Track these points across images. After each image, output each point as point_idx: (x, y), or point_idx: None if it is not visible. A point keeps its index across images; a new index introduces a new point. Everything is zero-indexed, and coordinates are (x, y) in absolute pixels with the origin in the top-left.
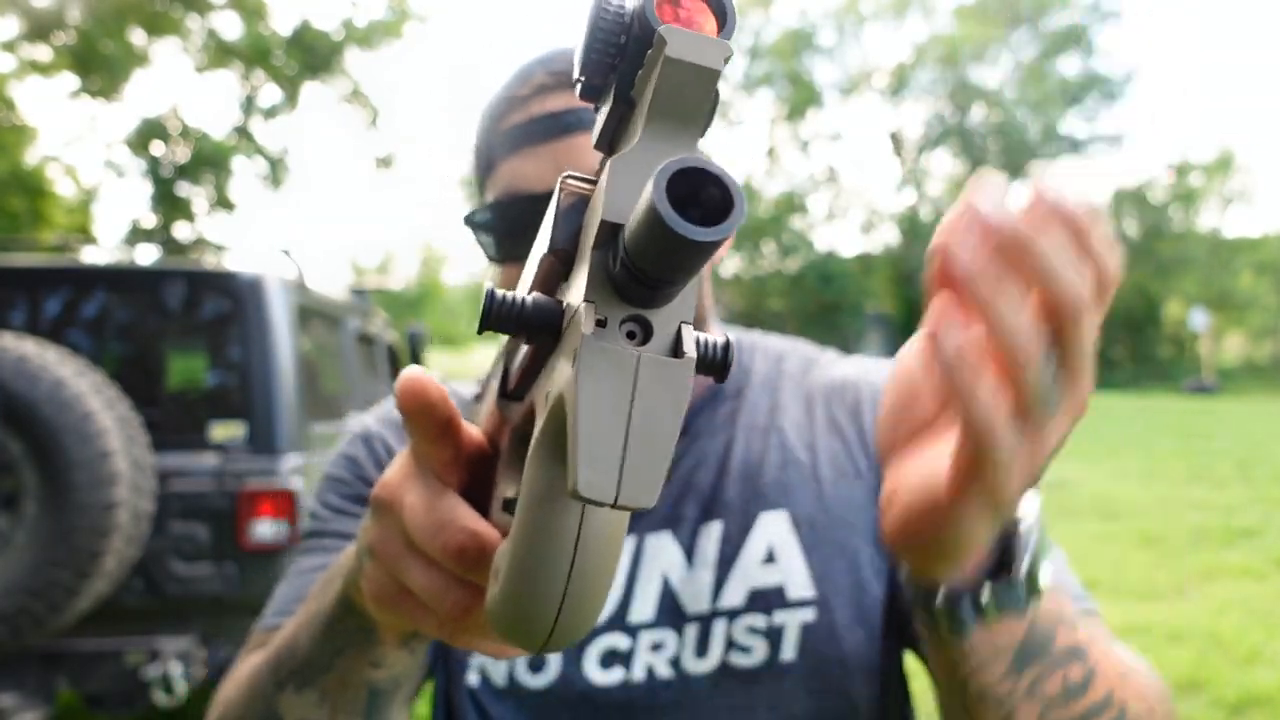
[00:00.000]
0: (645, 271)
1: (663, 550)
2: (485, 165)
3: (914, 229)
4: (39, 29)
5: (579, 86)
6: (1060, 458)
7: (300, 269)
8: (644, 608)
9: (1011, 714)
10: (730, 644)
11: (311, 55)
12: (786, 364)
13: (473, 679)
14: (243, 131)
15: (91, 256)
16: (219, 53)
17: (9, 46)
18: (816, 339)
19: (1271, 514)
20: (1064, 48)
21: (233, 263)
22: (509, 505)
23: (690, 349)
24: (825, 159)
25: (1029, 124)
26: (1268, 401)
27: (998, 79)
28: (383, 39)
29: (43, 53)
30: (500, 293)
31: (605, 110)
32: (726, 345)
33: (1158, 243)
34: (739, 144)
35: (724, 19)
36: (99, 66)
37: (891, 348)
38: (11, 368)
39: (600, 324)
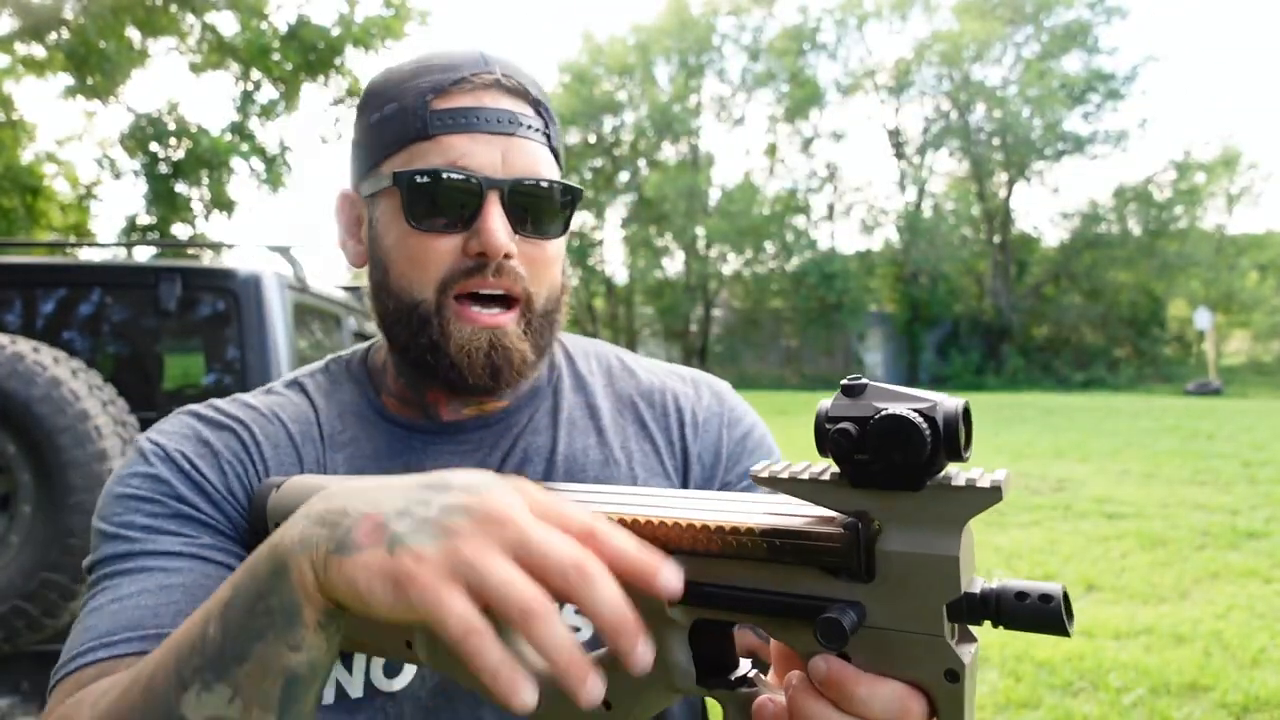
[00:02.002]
0: (1000, 624)
1: None
2: (418, 131)
3: (915, 228)
4: (35, 27)
5: (845, 459)
6: (1063, 458)
7: (298, 267)
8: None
9: None
10: None
11: (309, 52)
12: (594, 364)
13: (328, 695)
14: (240, 130)
15: (87, 255)
16: (216, 51)
17: (4, 44)
18: (817, 338)
19: (1277, 516)
20: (1067, 45)
21: (230, 260)
22: None
23: (974, 632)
24: (826, 157)
25: (1032, 122)
26: (1272, 402)
27: (1000, 77)
28: (383, 37)
29: (38, 51)
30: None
31: (869, 469)
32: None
33: (1161, 241)
34: (740, 142)
35: (970, 437)
36: (96, 66)
37: (892, 346)
38: (6, 367)
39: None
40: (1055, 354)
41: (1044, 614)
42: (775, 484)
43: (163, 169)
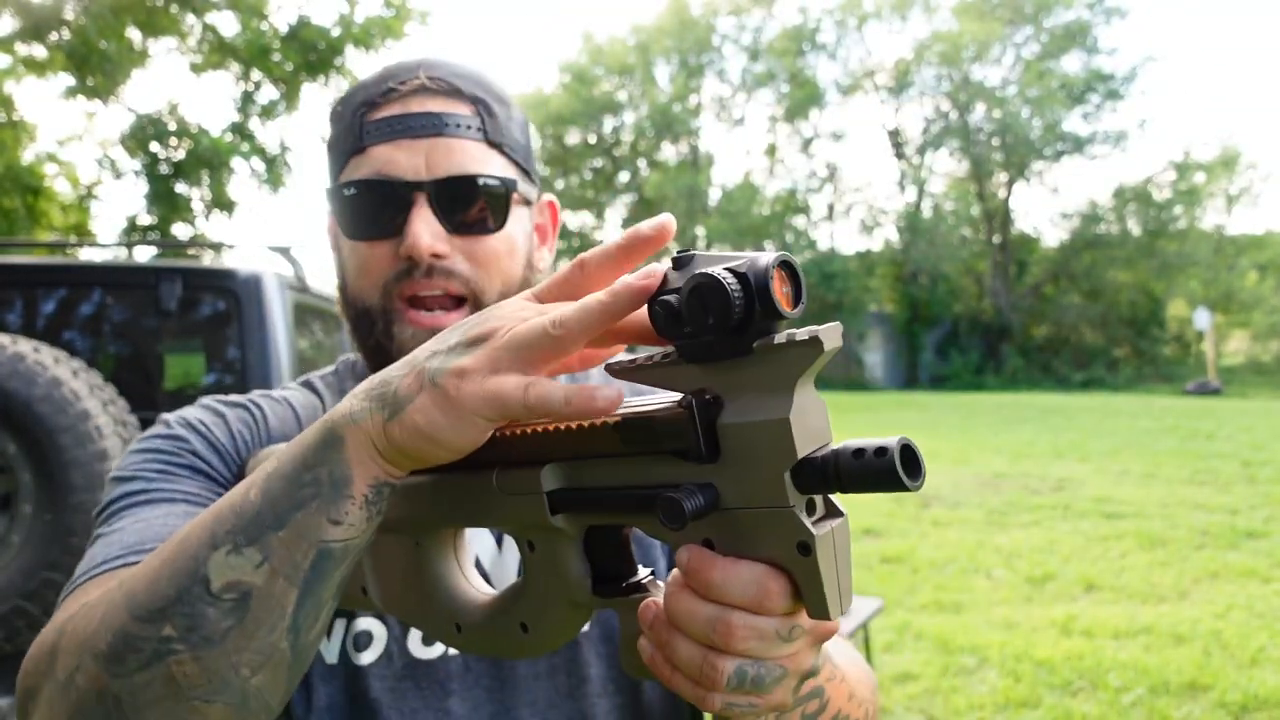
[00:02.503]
0: (845, 489)
1: (479, 538)
2: (353, 146)
3: (915, 228)
4: (36, 27)
5: (676, 334)
6: (1062, 458)
7: (298, 267)
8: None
9: None
10: None
11: (310, 52)
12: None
13: None
14: (240, 130)
15: (88, 255)
16: (216, 51)
17: (5, 44)
18: None
19: (1276, 515)
20: (1067, 45)
21: (230, 261)
22: None
23: (841, 506)
24: (826, 157)
25: (1031, 122)
26: (1272, 402)
27: (1000, 77)
28: (383, 37)
29: (39, 51)
30: (681, 497)
31: (695, 339)
32: None
33: (1161, 241)
34: (740, 142)
35: (799, 293)
36: (96, 66)
37: (892, 346)
38: (7, 367)
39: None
40: (1055, 354)
41: (879, 469)
42: (624, 373)
43: (163, 169)
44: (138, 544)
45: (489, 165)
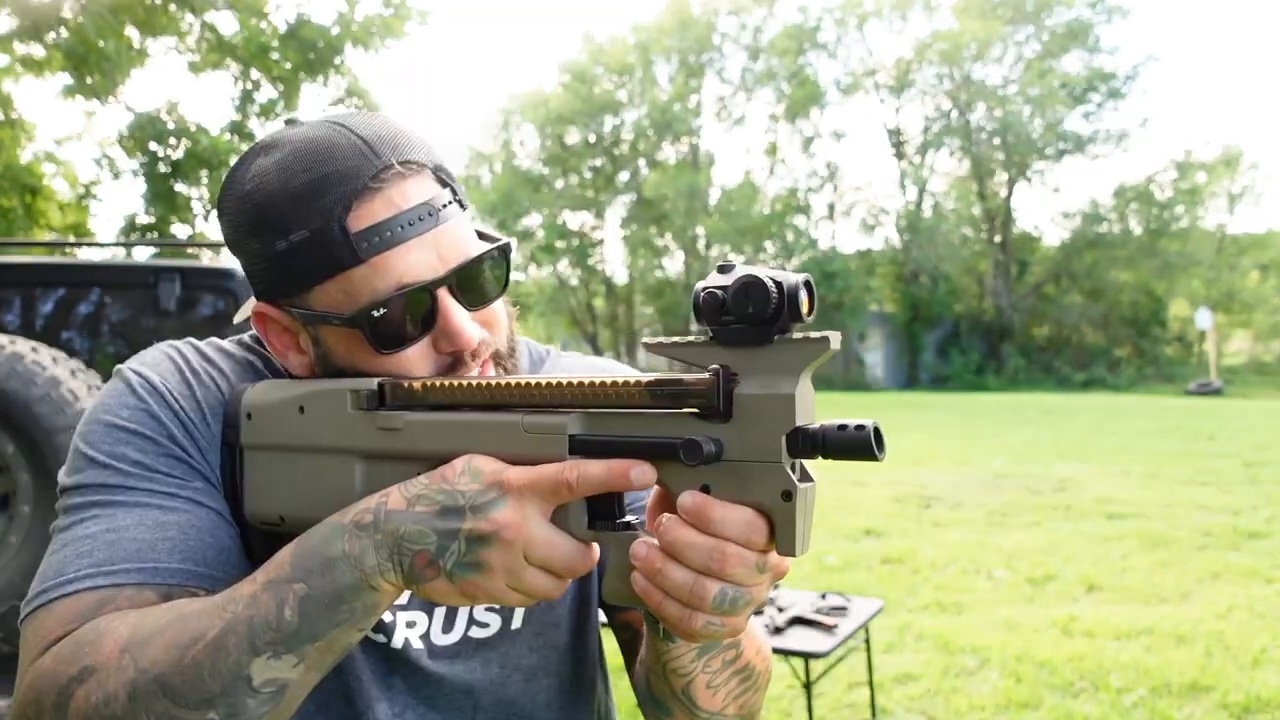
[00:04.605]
0: (828, 455)
1: None
2: (347, 259)
3: (916, 227)
4: (34, 26)
5: (715, 320)
6: (1064, 459)
7: None
8: (402, 594)
9: (690, 679)
10: (471, 621)
11: (309, 51)
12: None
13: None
14: (240, 129)
15: (87, 254)
16: (215, 50)
17: (4, 44)
18: None
19: (1278, 516)
20: (1068, 45)
21: (229, 260)
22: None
23: (814, 474)
24: (827, 157)
25: (1032, 122)
26: (1273, 402)
27: (1000, 76)
28: (383, 37)
29: (37, 50)
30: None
31: (730, 326)
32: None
33: (1162, 241)
34: (740, 142)
35: (813, 305)
36: (95, 65)
37: (893, 346)
38: (5, 367)
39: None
40: (1056, 354)
41: (858, 440)
42: (661, 349)
43: (162, 169)
44: (108, 561)
45: (474, 236)
